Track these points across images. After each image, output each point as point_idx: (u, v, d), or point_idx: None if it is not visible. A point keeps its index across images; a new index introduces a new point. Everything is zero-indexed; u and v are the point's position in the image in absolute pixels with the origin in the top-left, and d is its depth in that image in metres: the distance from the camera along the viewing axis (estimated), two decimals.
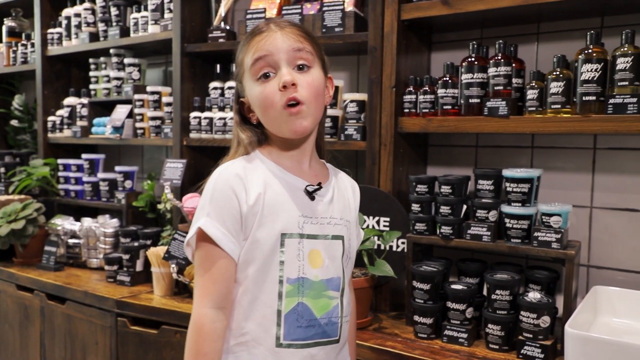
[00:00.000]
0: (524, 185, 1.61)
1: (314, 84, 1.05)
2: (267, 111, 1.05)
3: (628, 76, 1.48)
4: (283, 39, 1.04)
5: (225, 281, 1.03)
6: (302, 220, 1.06)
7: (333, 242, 1.11)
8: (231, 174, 1.04)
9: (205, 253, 1.03)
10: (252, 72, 1.05)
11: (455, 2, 1.71)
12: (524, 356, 1.50)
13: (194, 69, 2.32)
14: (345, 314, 1.12)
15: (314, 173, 1.15)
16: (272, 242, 1.03)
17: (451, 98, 1.77)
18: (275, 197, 1.05)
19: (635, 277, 1.72)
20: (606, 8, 1.67)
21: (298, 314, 1.04)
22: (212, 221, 1.02)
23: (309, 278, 1.05)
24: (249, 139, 1.12)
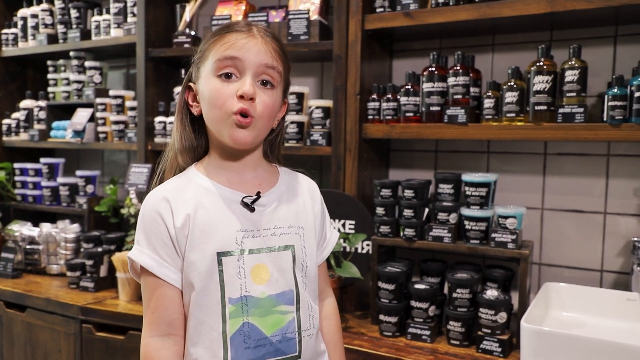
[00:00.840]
0: (482, 189, 1.71)
1: (270, 104, 1.01)
2: (214, 109, 0.99)
3: (575, 88, 1.60)
4: (259, 49, 1.00)
5: (165, 309, 0.98)
6: (242, 235, 1.00)
7: (280, 253, 1.04)
8: (157, 198, 1.00)
9: (144, 282, 1.00)
10: (215, 66, 0.99)
11: (416, 14, 1.80)
12: (483, 350, 1.60)
13: (158, 73, 2.32)
14: (305, 327, 1.04)
15: (257, 182, 1.07)
16: (208, 263, 0.98)
17: (413, 105, 1.85)
18: (207, 216, 1.00)
19: (581, 273, 1.85)
20: (554, 23, 1.79)
21: (244, 335, 0.98)
22: (141, 249, 0.98)
23: (254, 295, 0.99)
24: (181, 144, 1.06)
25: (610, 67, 1.79)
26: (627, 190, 1.78)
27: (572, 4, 1.56)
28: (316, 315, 1.09)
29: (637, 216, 1.77)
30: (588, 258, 1.84)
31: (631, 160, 1.77)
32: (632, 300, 1.64)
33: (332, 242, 1.20)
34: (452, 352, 1.61)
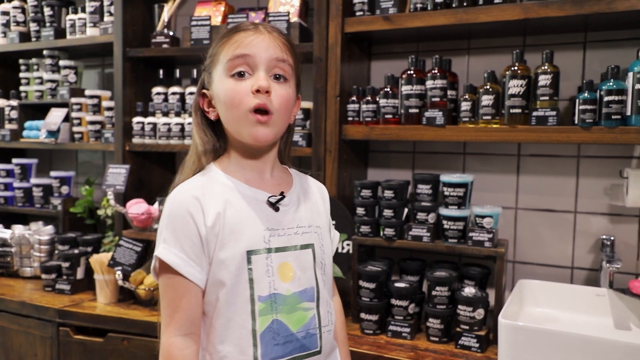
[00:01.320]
0: (460, 190, 1.76)
1: (286, 96, 1.02)
2: (231, 110, 1.00)
3: (548, 92, 1.66)
4: (268, 44, 1.00)
5: (190, 308, 0.99)
6: (268, 234, 1.02)
7: (302, 251, 1.06)
8: (187, 196, 0.99)
9: (167, 280, 0.99)
10: (227, 67, 1.00)
11: (395, 18, 1.83)
12: (461, 346, 1.65)
13: (136, 73, 2.30)
14: (324, 323, 1.07)
15: (276, 182, 1.10)
16: (238, 261, 0.99)
17: (392, 108, 1.89)
18: (236, 214, 1.00)
19: (553, 270, 1.92)
20: (527, 29, 1.85)
21: (274, 332, 1.00)
22: (169, 247, 0.97)
23: (281, 293, 1.01)
24: (203, 146, 1.06)
25: (580, 71, 1.86)
26: (596, 191, 1.86)
27: (544, 11, 1.62)
28: (332, 312, 1.12)
29: (605, 215, 1.85)
30: (559, 256, 1.92)
31: (600, 161, 1.85)
32: (601, 295, 1.72)
33: (335, 242, 1.23)
34: (431, 349, 1.66)
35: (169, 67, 2.43)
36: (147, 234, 2.11)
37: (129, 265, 2.05)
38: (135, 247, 2.06)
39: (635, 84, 1.55)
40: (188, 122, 2.18)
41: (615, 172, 1.81)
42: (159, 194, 2.37)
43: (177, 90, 2.29)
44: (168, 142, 2.21)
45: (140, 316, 1.96)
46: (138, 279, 2.09)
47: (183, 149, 2.18)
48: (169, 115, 2.25)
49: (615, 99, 1.57)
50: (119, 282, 2.05)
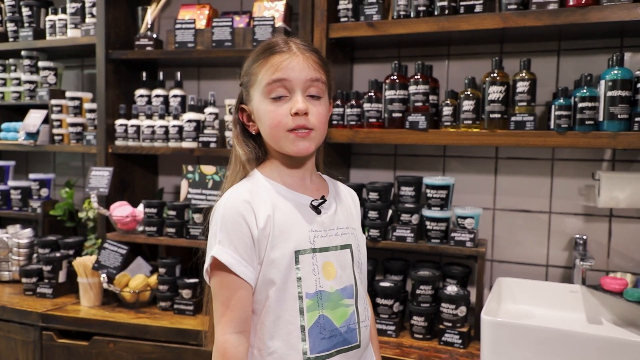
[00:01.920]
0: (442, 192, 1.82)
1: (323, 112, 1.10)
2: (273, 130, 1.07)
3: (526, 98, 1.74)
4: (303, 66, 1.07)
5: (243, 306, 1.05)
6: (313, 235, 1.09)
7: (342, 251, 1.13)
8: (238, 200, 1.05)
9: (221, 280, 1.05)
10: (266, 90, 1.07)
11: (379, 25, 1.88)
12: (444, 342, 1.71)
13: (119, 75, 2.30)
14: (362, 319, 1.14)
15: (315, 187, 1.17)
16: (287, 261, 1.05)
17: (376, 112, 1.94)
18: (284, 217, 1.07)
19: (529, 268, 2.01)
20: (505, 37, 1.93)
21: (321, 327, 1.07)
22: (224, 248, 1.03)
23: (326, 290, 1.08)
24: (246, 156, 1.13)
25: (554, 78, 1.95)
26: (569, 192, 1.95)
27: (522, 21, 1.70)
28: (369, 308, 1.20)
29: (578, 215, 1.94)
30: (535, 254, 2.00)
31: (573, 164, 1.94)
32: (574, 292, 1.80)
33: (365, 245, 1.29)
34: (416, 345, 1.72)
35: (152, 70, 2.43)
36: (131, 236, 2.12)
37: (113, 268, 2.04)
38: (120, 249, 2.06)
39: (607, 91, 1.64)
40: (172, 124, 2.18)
41: (588, 175, 1.91)
42: (143, 197, 2.38)
43: (161, 93, 2.29)
44: (152, 144, 2.22)
45: (125, 319, 1.96)
46: (123, 282, 2.09)
47: (167, 152, 2.19)
48: (153, 117, 2.25)
49: (589, 105, 1.66)
50: (104, 285, 2.04)
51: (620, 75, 1.62)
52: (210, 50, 2.13)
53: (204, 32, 2.16)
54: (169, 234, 2.07)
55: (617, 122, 1.62)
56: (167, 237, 2.08)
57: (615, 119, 1.62)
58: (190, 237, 2.03)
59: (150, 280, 2.11)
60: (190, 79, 2.47)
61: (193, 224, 2.03)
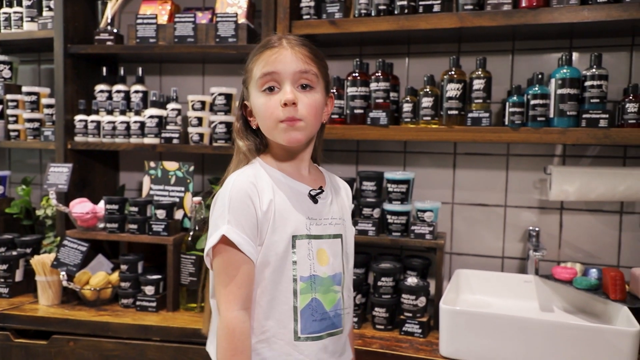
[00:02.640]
0: (403, 186, 1.87)
1: (313, 104, 1.13)
2: (265, 121, 1.13)
3: (482, 95, 1.81)
4: (292, 59, 1.11)
5: (249, 284, 1.09)
6: (309, 222, 1.15)
7: (334, 240, 1.20)
8: (245, 182, 1.10)
9: (228, 259, 1.08)
10: (258, 83, 1.12)
11: (341, 23, 1.92)
12: (405, 332, 1.76)
13: (78, 70, 2.25)
14: (346, 306, 1.21)
15: (313, 178, 1.23)
16: (285, 245, 1.11)
17: (338, 108, 1.97)
18: (283, 203, 1.13)
19: (486, 260, 2.08)
20: (462, 36, 2.00)
21: (312, 309, 1.13)
22: (233, 228, 1.07)
23: (319, 275, 1.14)
24: (247, 147, 1.20)
25: (509, 76, 2.03)
26: (523, 186, 2.03)
27: (478, 21, 1.76)
28: (352, 296, 1.28)
29: (532, 208, 2.02)
30: (492, 246, 2.07)
31: (527, 159, 2.02)
32: (528, 281, 1.88)
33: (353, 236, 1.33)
34: (377, 336, 1.76)
35: (113, 65, 2.40)
36: (92, 233, 2.09)
37: (73, 266, 2.01)
38: (81, 247, 2.03)
39: (557, 89, 1.72)
40: (134, 120, 2.16)
41: (541, 169, 1.99)
42: (104, 193, 2.34)
43: (122, 89, 2.26)
44: (113, 140, 2.19)
45: (86, 316, 1.94)
46: (83, 280, 2.05)
47: (129, 148, 2.17)
48: (114, 113, 2.22)
49: (540, 102, 1.73)
50: (63, 283, 2.01)
51: (569, 74, 1.71)
52: (173, 46, 2.12)
53: (166, 28, 2.15)
54: (131, 230, 2.05)
55: (566, 118, 1.71)
56: (129, 234, 2.06)
57: (565, 115, 1.71)
58: (153, 234, 2.01)
59: (112, 277, 2.09)
60: (152, 75, 2.45)
61: (156, 220, 2.02)
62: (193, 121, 2.13)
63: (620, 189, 1.79)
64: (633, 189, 1.78)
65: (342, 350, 1.21)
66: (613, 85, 1.86)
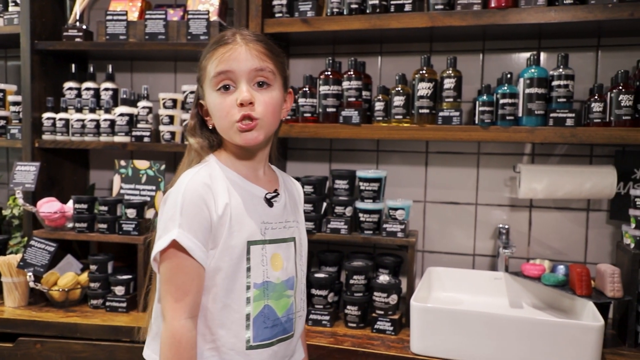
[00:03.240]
0: (375, 184, 1.88)
1: (270, 101, 1.09)
2: (220, 120, 1.09)
3: (452, 94, 1.82)
4: (246, 56, 1.07)
5: (198, 292, 1.05)
6: (264, 226, 1.11)
7: (289, 244, 1.16)
8: (200, 184, 1.05)
9: (178, 265, 1.03)
10: (213, 82, 1.08)
11: (313, 21, 1.92)
12: (377, 330, 1.76)
13: (45, 67, 2.21)
14: (298, 309, 1.18)
15: (267, 179, 1.19)
16: (240, 250, 1.07)
17: (310, 107, 1.97)
18: (239, 207, 1.08)
19: (457, 257, 2.10)
20: (434, 36, 2.01)
21: (265, 316, 1.09)
22: (184, 232, 1.02)
23: (272, 281, 1.11)
24: (199, 145, 1.14)
25: (479, 76, 2.05)
26: (494, 185, 2.06)
27: (449, 20, 1.78)
28: (304, 299, 1.23)
29: (502, 206, 2.05)
30: (463, 244, 2.10)
31: (497, 158, 2.05)
32: (498, 278, 1.91)
33: None
34: (350, 334, 1.76)
35: (82, 62, 2.35)
36: (60, 233, 2.05)
37: (41, 266, 1.97)
38: (48, 247, 1.99)
39: (525, 88, 1.74)
40: (104, 118, 2.13)
41: (511, 167, 2.02)
42: (73, 192, 2.30)
43: (91, 86, 2.23)
44: (82, 138, 2.15)
45: (54, 318, 1.90)
46: (51, 280, 2.01)
47: (98, 146, 2.13)
48: (83, 111, 2.18)
49: (509, 101, 1.76)
50: (30, 284, 1.96)
51: (537, 74, 1.74)
52: (143, 43, 2.09)
53: (137, 25, 2.12)
54: (100, 230, 2.02)
55: (534, 117, 1.73)
56: (98, 234, 2.02)
57: (533, 114, 1.73)
58: (123, 233, 1.98)
59: (81, 278, 2.05)
60: (123, 72, 2.41)
61: (126, 220, 1.99)
62: (164, 119, 2.11)
63: (586, 187, 1.83)
64: (599, 187, 1.82)
65: (292, 352, 1.19)
66: (579, 85, 1.90)
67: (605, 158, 1.95)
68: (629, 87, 1.69)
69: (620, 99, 1.68)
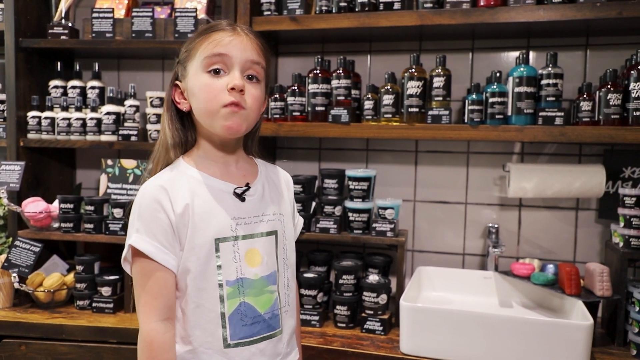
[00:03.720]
0: (364, 183, 1.87)
1: (258, 96, 1.08)
2: (207, 104, 1.04)
3: (442, 93, 1.82)
4: (246, 47, 1.06)
5: (167, 294, 1.04)
6: (235, 222, 1.08)
7: (268, 238, 1.13)
8: (155, 188, 1.04)
9: (142, 268, 1.03)
10: (204, 63, 1.04)
11: (302, 19, 1.90)
12: (366, 330, 1.75)
13: (30, 65, 2.18)
14: (283, 304, 1.14)
15: (242, 173, 1.15)
16: (207, 249, 1.05)
17: (299, 105, 1.96)
18: (204, 205, 1.06)
19: (447, 257, 2.10)
20: (423, 34, 2.00)
21: (241, 314, 1.07)
22: (141, 236, 1.02)
23: (248, 277, 1.08)
24: (173, 140, 1.11)
25: (468, 75, 2.05)
26: (483, 184, 2.05)
27: (437, 19, 1.77)
28: (291, 294, 1.19)
29: (492, 205, 2.05)
30: (453, 243, 2.09)
31: (486, 157, 2.05)
32: (488, 278, 1.91)
33: (299, 227, 1.29)
34: (339, 334, 1.75)
35: (68, 60, 2.32)
36: (46, 233, 2.02)
37: (26, 267, 1.94)
38: (34, 247, 1.96)
39: (514, 87, 1.74)
40: (90, 117, 2.10)
41: (500, 166, 2.02)
42: (59, 192, 2.27)
43: (78, 84, 2.20)
44: (68, 137, 2.12)
45: (39, 319, 1.87)
46: (36, 281, 1.98)
47: (85, 145, 2.10)
48: (69, 109, 2.15)
49: (498, 100, 1.76)
50: (15, 284, 1.93)
51: (526, 72, 1.73)
52: (130, 41, 2.06)
53: (123, 22, 2.09)
54: (86, 230, 1.99)
55: (523, 116, 1.73)
56: (84, 234, 2.00)
57: (522, 113, 1.73)
58: (110, 233, 1.96)
59: (67, 278, 2.02)
60: (110, 70, 2.38)
61: (113, 219, 1.97)
62: (152, 118, 2.09)
63: (575, 186, 1.83)
64: (588, 186, 1.82)
65: (286, 351, 1.15)
66: (568, 84, 1.90)
67: (594, 157, 1.95)
68: (618, 86, 1.69)
69: (609, 97, 1.68)
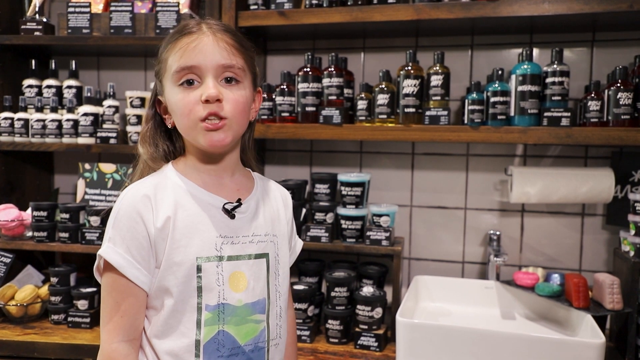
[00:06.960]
0: (357, 189, 1.75)
1: (240, 100, 0.97)
2: (183, 120, 0.96)
3: (440, 92, 1.70)
4: (213, 49, 0.95)
5: (134, 313, 0.95)
6: (221, 241, 0.98)
7: (257, 261, 1.01)
8: (138, 195, 0.95)
9: (112, 282, 0.94)
10: (174, 78, 0.96)
11: (291, 13, 1.78)
12: (360, 346, 1.64)
13: (3, 63, 2.05)
14: (272, 337, 1.03)
15: (235, 187, 1.05)
16: (187, 268, 0.94)
17: (288, 105, 1.84)
18: (188, 219, 0.96)
19: (446, 265, 1.99)
20: (420, 30, 1.89)
21: (219, 343, 0.96)
22: (114, 247, 0.93)
23: (231, 303, 0.97)
24: (149, 155, 1.02)
25: (468, 73, 1.94)
26: (484, 188, 1.94)
27: (435, 13, 1.66)
28: (284, 325, 1.08)
29: (492, 211, 1.94)
30: (452, 251, 1.98)
31: (487, 159, 1.94)
32: (489, 287, 1.80)
33: (297, 251, 1.20)
34: (331, 351, 1.64)
35: (44, 58, 2.19)
36: (18, 242, 1.89)
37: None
38: (5, 258, 1.84)
39: (517, 86, 1.63)
40: (66, 118, 1.97)
41: (502, 170, 1.91)
42: (36, 198, 2.15)
43: (53, 83, 2.07)
44: (43, 140, 1.99)
45: (10, 336, 1.74)
46: (8, 294, 1.86)
47: (60, 148, 1.98)
48: (44, 110, 2.03)
49: (500, 100, 1.64)
50: None
51: (530, 70, 1.62)
52: (108, 37, 1.94)
53: (101, 17, 1.97)
54: (62, 239, 1.87)
55: (527, 117, 1.62)
56: (59, 243, 1.87)
57: (526, 113, 1.62)
58: (87, 243, 1.84)
59: (41, 291, 1.90)
60: (89, 69, 2.25)
61: (89, 228, 1.84)
62: (132, 119, 1.96)
63: (582, 191, 1.72)
64: (596, 190, 1.71)
65: None
66: (574, 83, 1.79)
67: (600, 160, 1.84)
68: (628, 84, 1.58)
69: (619, 96, 1.57)
